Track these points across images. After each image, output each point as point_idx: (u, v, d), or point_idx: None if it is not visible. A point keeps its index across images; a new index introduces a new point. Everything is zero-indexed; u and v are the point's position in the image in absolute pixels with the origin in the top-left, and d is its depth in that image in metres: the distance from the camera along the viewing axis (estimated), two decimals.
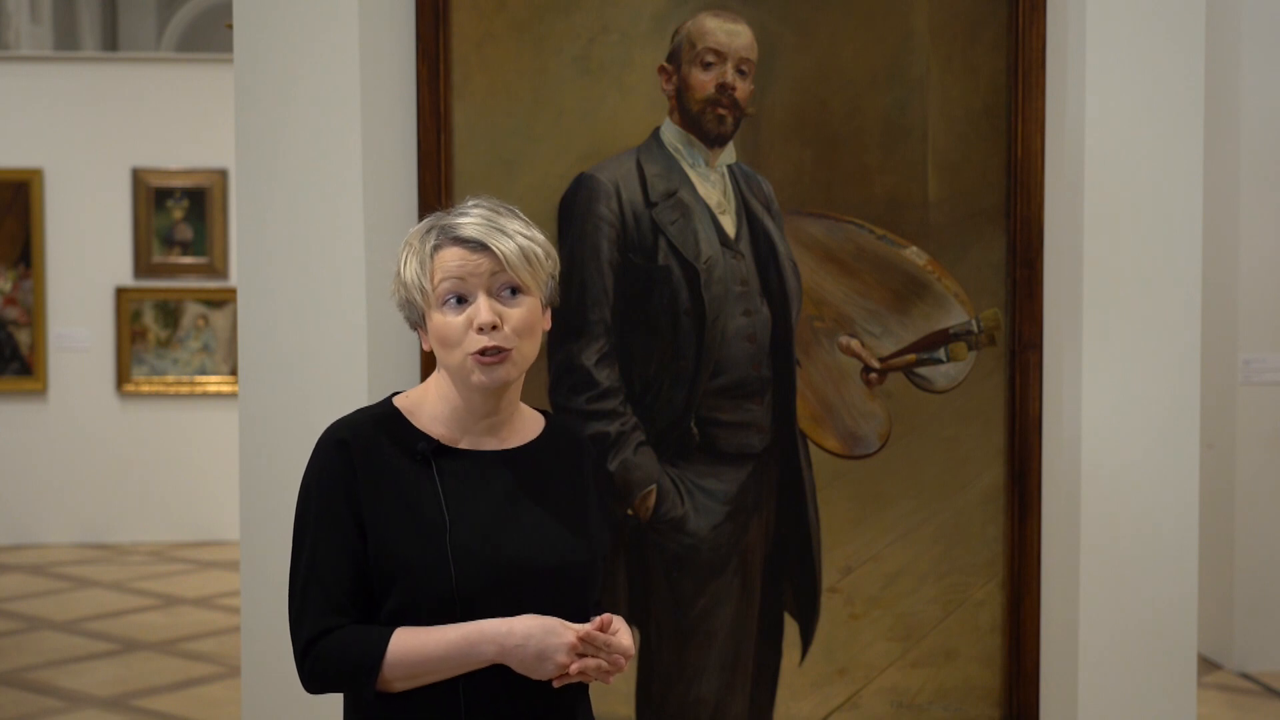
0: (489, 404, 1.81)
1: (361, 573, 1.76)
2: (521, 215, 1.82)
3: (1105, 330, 2.62)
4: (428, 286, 1.76)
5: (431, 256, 1.77)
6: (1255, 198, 5.15)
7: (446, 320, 1.76)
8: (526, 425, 1.88)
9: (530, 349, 1.79)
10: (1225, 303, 5.13)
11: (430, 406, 1.83)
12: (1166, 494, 2.65)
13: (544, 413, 1.95)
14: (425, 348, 1.83)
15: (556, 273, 1.83)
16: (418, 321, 1.82)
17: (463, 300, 1.75)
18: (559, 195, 2.60)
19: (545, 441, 1.88)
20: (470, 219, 1.77)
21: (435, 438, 1.81)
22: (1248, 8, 5.09)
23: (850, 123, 2.68)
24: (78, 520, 7.68)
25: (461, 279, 1.74)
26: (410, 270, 1.78)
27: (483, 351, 1.73)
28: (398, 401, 1.85)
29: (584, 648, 1.72)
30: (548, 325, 1.83)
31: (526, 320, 1.76)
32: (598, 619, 1.76)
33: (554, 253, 1.82)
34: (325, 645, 1.74)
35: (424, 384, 1.87)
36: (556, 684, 1.73)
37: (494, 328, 1.73)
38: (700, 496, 2.66)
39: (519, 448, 1.85)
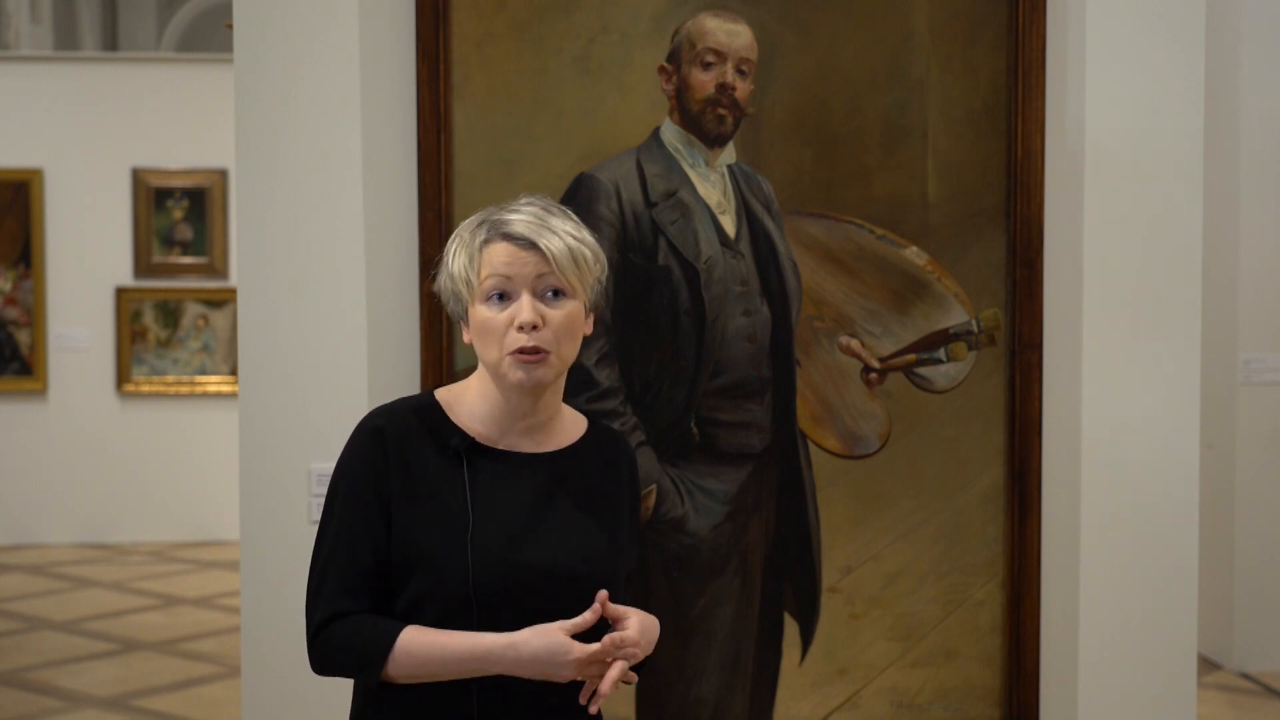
0: (525, 404, 1.80)
1: (382, 560, 1.76)
2: (573, 216, 1.82)
3: (1105, 330, 2.62)
4: (474, 280, 1.76)
5: (480, 250, 1.77)
6: (1255, 198, 5.14)
7: (488, 316, 1.76)
8: (567, 429, 1.87)
9: (569, 351, 1.79)
10: (1225, 303, 5.13)
11: (470, 403, 1.82)
12: (1166, 494, 2.65)
13: (588, 416, 1.93)
14: (466, 340, 1.82)
15: (604, 276, 1.83)
16: (462, 315, 1.82)
17: (505, 297, 1.75)
18: (559, 195, 2.60)
19: (584, 446, 1.87)
20: (521, 216, 1.77)
21: (472, 435, 1.80)
22: (1248, 8, 5.08)
23: (850, 123, 2.68)
24: (78, 520, 7.68)
25: (507, 277, 1.75)
26: (459, 263, 1.78)
27: (521, 350, 1.74)
28: (439, 394, 1.85)
29: (593, 662, 1.70)
30: (589, 330, 1.83)
31: (567, 323, 1.76)
32: (605, 623, 1.75)
33: (603, 256, 1.82)
34: (335, 629, 1.74)
35: (466, 380, 1.86)
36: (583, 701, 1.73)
37: (535, 328, 1.74)
38: (700, 496, 2.66)
39: (556, 451, 1.84)
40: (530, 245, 1.75)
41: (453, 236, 1.83)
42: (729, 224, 2.65)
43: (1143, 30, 2.61)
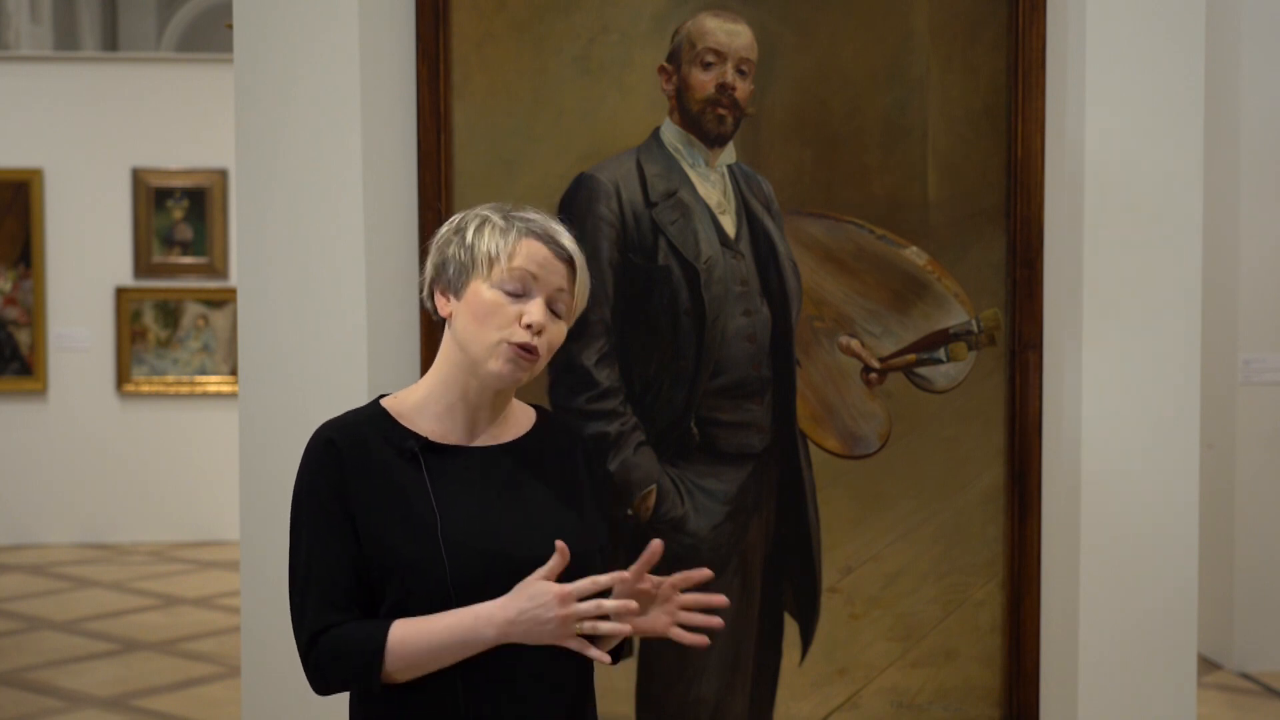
0: (484, 395, 1.82)
1: (358, 569, 1.77)
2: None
3: (1105, 330, 2.62)
4: (503, 263, 1.77)
5: (519, 238, 1.79)
6: (1255, 198, 5.15)
7: (501, 301, 1.77)
8: (518, 420, 1.90)
9: (544, 364, 1.83)
10: (1225, 303, 5.13)
11: (420, 401, 1.84)
12: (1166, 494, 2.65)
13: (536, 407, 1.96)
14: (443, 312, 1.83)
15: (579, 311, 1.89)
16: (456, 287, 1.81)
17: (520, 294, 1.78)
18: (559, 195, 2.60)
19: (536, 435, 1.90)
20: (553, 223, 1.83)
21: (425, 435, 1.81)
22: (1248, 8, 5.09)
23: (850, 123, 2.68)
24: (78, 520, 7.68)
25: (536, 277, 1.78)
26: (491, 240, 1.79)
27: (523, 345, 1.76)
28: (385, 403, 1.87)
29: (577, 599, 1.73)
30: None
31: (557, 342, 1.82)
32: (609, 576, 1.76)
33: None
34: (326, 642, 1.75)
35: (415, 384, 1.89)
36: (590, 653, 1.74)
37: (540, 332, 1.77)
38: (700, 496, 2.66)
39: (510, 442, 1.87)
40: (566, 258, 1.80)
41: (471, 215, 1.84)
42: (729, 224, 2.65)
43: (1143, 30, 2.61)
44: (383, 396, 1.89)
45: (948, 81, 2.69)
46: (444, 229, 1.86)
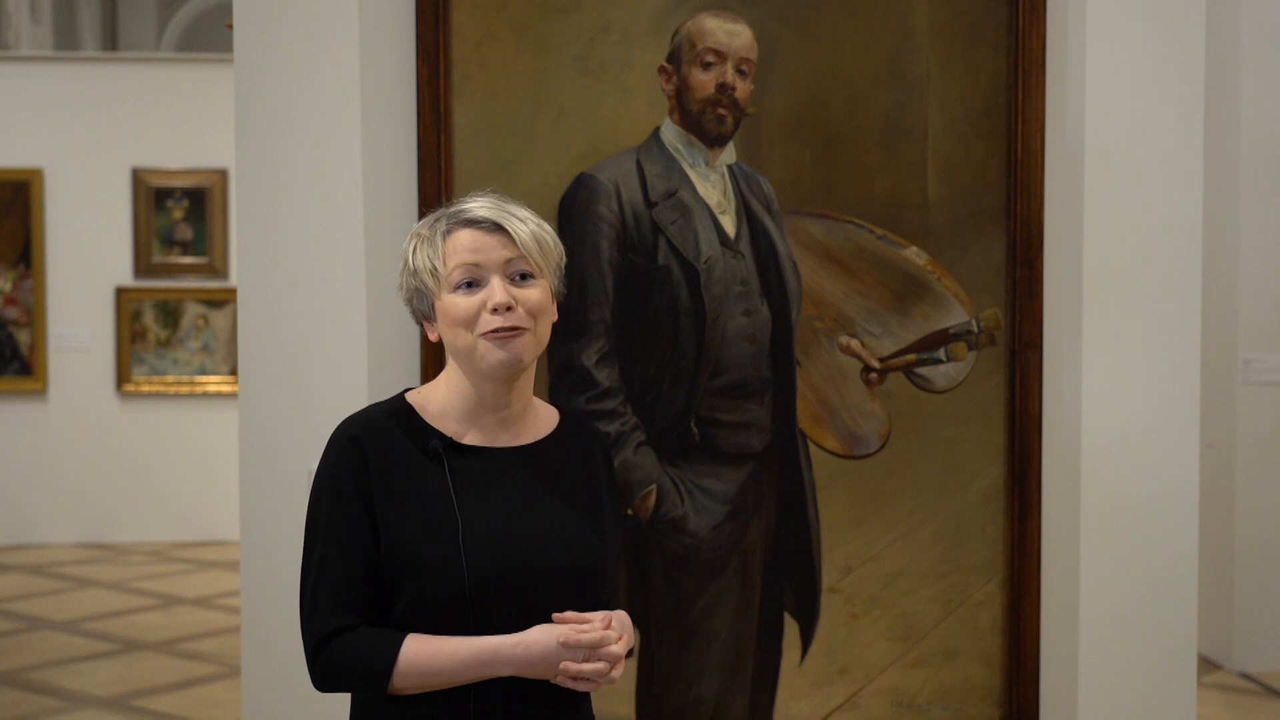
0: (500, 395, 1.80)
1: (374, 570, 1.74)
2: (527, 207, 1.83)
3: (1105, 330, 2.62)
4: (441, 269, 1.76)
5: (444, 240, 1.77)
6: (1255, 198, 5.14)
7: (458, 302, 1.75)
8: (540, 420, 1.87)
9: (544, 331, 1.79)
10: (1225, 303, 5.13)
11: (442, 402, 1.82)
12: (1166, 494, 2.65)
13: (559, 407, 1.94)
14: (433, 338, 1.83)
15: (562, 264, 1.84)
16: (426, 312, 1.82)
17: (474, 285, 1.76)
18: (559, 195, 2.60)
19: (559, 437, 1.87)
20: (480, 203, 1.79)
21: (448, 435, 1.80)
22: (1248, 8, 5.08)
23: (850, 123, 2.68)
24: (78, 520, 7.68)
25: (476, 264, 1.75)
26: (422, 256, 1.78)
27: (496, 331, 1.74)
28: (410, 397, 1.84)
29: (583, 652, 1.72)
30: (554, 316, 1.83)
31: (540, 302, 1.77)
32: (596, 616, 1.75)
33: (560, 243, 1.83)
34: (337, 646, 1.73)
35: (435, 380, 1.86)
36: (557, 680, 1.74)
37: (509, 309, 1.74)
38: (700, 496, 2.66)
39: (532, 444, 1.84)
40: (495, 228, 1.76)
41: (409, 237, 1.83)
42: (729, 224, 2.65)
43: (1143, 30, 2.61)
44: (407, 391, 1.87)
45: (948, 81, 2.69)
46: (400, 267, 1.85)
